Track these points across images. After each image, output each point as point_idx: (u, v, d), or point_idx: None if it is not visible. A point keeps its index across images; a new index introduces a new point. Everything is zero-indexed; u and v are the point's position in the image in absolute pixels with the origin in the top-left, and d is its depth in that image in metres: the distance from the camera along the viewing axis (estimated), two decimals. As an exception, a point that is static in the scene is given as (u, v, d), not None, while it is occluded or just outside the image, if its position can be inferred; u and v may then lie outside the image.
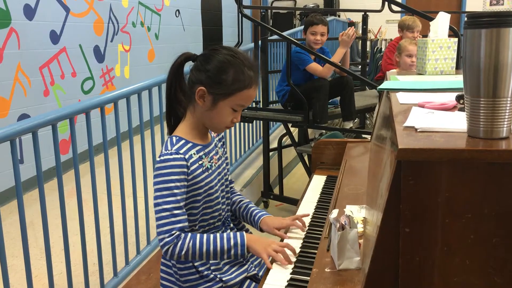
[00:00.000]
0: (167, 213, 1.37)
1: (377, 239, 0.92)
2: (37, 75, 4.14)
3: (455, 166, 0.87)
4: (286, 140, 4.21)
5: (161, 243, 1.37)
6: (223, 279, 1.49)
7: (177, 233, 1.37)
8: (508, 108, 0.89)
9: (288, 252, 1.41)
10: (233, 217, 1.69)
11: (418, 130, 0.99)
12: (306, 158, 3.99)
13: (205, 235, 1.41)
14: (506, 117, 0.90)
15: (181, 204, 1.40)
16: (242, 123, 4.29)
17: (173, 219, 1.37)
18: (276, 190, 4.15)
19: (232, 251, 1.41)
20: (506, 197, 0.86)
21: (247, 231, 1.68)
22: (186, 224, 1.41)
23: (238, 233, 1.44)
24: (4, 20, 3.79)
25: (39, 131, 2.04)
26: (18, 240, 2.00)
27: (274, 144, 4.27)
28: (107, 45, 5.02)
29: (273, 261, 1.39)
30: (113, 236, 2.53)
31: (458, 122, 1.02)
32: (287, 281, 1.31)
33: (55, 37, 4.33)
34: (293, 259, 1.40)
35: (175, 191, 1.38)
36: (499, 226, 0.87)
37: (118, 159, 2.55)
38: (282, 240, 1.53)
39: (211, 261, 1.49)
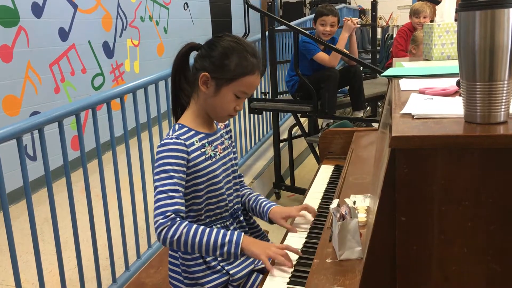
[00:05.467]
0: (163, 195, 1.36)
1: (374, 229, 0.91)
2: (47, 73, 4.17)
3: (450, 152, 0.85)
4: (297, 131, 4.19)
5: (155, 225, 1.35)
6: (230, 272, 1.47)
7: (172, 215, 1.35)
8: (505, 91, 0.86)
9: (290, 253, 1.37)
10: (244, 211, 1.67)
11: (414, 117, 0.97)
12: (316, 148, 3.97)
13: (202, 226, 1.39)
14: (504, 101, 0.87)
15: (178, 187, 1.39)
16: (252, 115, 4.27)
17: (168, 201, 1.36)
18: (288, 181, 4.14)
19: (225, 248, 1.37)
20: (504, 183, 0.84)
21: (262, 234, 1.67)
22: (183, 208, 1.39)
23: (235, 232, 1.41)
24: (12, 19, 3.82)
25: (51, 128, 2.05)
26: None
27: (284, 135, 4.25)
28: (116, 40, 5.04)
29: (273, 263, 1.36)
30: (124, 230, 2.55)
31: (457, 107, 0.99)
32: (291, 272, 1.30)
33: (64, 34, 4.35)
34: (295, 257, 1.37)
35: (172, 174, 1.38)
36: (496, 213, 0.84)
37: (126, 153, 2.56)
38: (284, 238, 1.51)
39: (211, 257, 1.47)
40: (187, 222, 1.38)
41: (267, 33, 3.81)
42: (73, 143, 4.27)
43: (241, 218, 1.61)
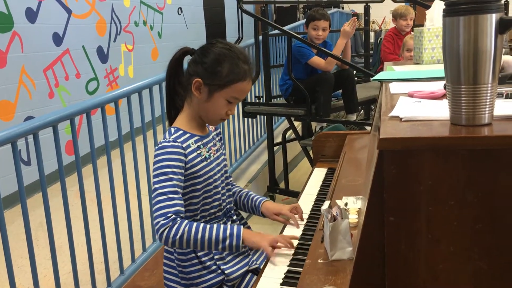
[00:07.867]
0: (163, 196, 1.39)
1: (363, 229, 0.93)
2: (41, 78, 4.18)
3: (437, 154, 0.87)
4: (291, 135, 4.21)
5: (157, 226, 1.38)
6: (226, 272, 1.50)
7: (173, 216, 1.38)
8: (489, 94, 0.89)
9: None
10: (236, 211, 1.70)
11: (402, 120, 1.00)
12: (310, 151, 3.99)
13: (202, 224, 1.43)
14: (488, 103, 0.90)
15: (177, 189, 1.42)
16: (246, 119, 4.29)
17: (168, 202, 1.38)
18: (283, 185, 4.16)
19: (227, 241, 1.41)
20: (488, 183, 0.86)
21: (248, 228, 1.70)
22: (182, 209, 1.42)
23: (235, 225, 1.46)
24: (6, 24, 3.83)
25: (46, 132, 2.06)
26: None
27: (278, 139, 4.27)
28: (110, 45, 5.05)
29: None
30: (118, 235, 2.56)
31: (444, 110, 1.02)
32: (284, 273, 1.32)
33: (58, 39, 4.36)
34: (295, 242, 1.43)
35: (171, 176, 1.41)
36: (482, 212, 0.87)
37: (120, 158, 2.57)
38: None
39: (213, 251, 1.50)
40: (187, 221, 1.41)
41: (260, 37, 3.83)
42: (67, 148, 4.27)
43: (234, 217, 1.65)
